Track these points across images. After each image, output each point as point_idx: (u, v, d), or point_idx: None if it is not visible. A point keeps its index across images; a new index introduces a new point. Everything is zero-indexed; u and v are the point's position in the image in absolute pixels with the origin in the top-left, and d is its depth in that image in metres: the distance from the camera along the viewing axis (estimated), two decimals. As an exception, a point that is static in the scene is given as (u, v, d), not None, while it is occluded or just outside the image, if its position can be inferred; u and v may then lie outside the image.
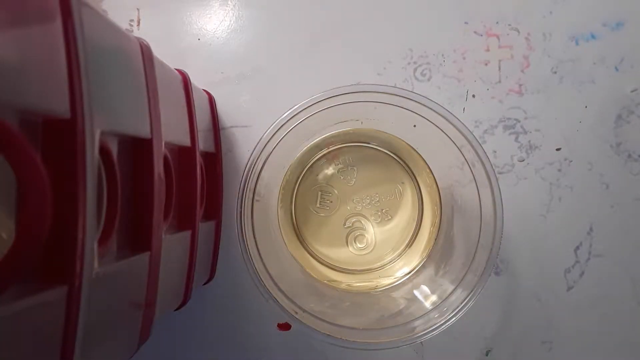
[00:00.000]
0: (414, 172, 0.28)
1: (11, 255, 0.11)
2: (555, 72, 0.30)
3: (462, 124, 0.23)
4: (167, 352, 0.30)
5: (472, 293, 0.22)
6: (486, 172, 0.23)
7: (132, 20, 0.31)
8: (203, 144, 0.26)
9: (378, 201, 0.28)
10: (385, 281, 0.28)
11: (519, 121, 0.30)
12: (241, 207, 0.23)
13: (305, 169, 0.29)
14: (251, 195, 0.23)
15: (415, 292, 0.26)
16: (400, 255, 0.29)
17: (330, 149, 0.29)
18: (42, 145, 0.13)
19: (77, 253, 0.13)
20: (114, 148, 0.16)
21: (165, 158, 0.21)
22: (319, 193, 0.29)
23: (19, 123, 0.12)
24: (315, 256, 0.29)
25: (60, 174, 0.13)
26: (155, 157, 0.18)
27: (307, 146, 0.28)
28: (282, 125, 0.23)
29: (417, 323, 0.23)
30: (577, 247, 0.30)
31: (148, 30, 0.31)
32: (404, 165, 0.29)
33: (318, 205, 0.29)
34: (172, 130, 0.21)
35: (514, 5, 0.30)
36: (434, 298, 0.24)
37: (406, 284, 0.27)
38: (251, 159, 0.23)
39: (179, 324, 0.30)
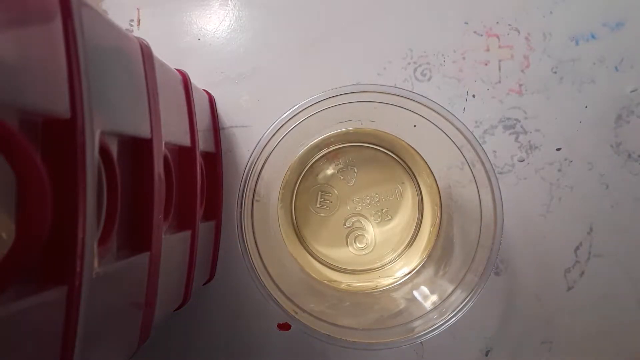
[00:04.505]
0: (414, 172, 0.28)
1: (11, 255, 0.11)
2: (555, 72, 0.30)
3: (462, 124, 0.23)
4: (167, 352, 0.30)
5: (472, 293, 0.22)
6: (486, 172, 0.23)
7: (132, 20, 0.31)
8: (203, 144, 0.26)
9: (378, 201, 0.28)
10: (385, 281, 0.28)
11: (519, 121, 0.30)
12: (241, 207, 0.23)
13: (305, 169, 0.29)
14: (251, 195, 0.23)
15: (415, 293, 0.26)
16: (400, 255, 0.29)
17: (330, 149, 0.29)
18: (42, 145, 0.13)
19: (77, 253, 0.13)
20: (114, 148, 0.16)
21: (165, 158, 0.21)
22: (319, 193, 0.29)
23: (19, 123, 0.12)
24: (315, 256, 0.29)
25: (60, 174, 0.13)
26: (155, 157, 0.18)
27: (307, 146, 0.28)
28: (282, 125, 0.23)
29: (417, 323, 0.23)
30: (577, 247, 0.30)
31: (148, 30, 0.31)
32: (404, 165, 0.29)
33: (318, 205, 0.29)
34: (172, 130, 0.21)
35: (514, 5, 0.30)
36: (433, 298, 0.24)
37: (406, 284, 0.27)
38: (251, 159, 0.23)
39: (179, 324, 0.30)
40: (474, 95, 0.30)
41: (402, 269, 0.28)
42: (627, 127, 0.30)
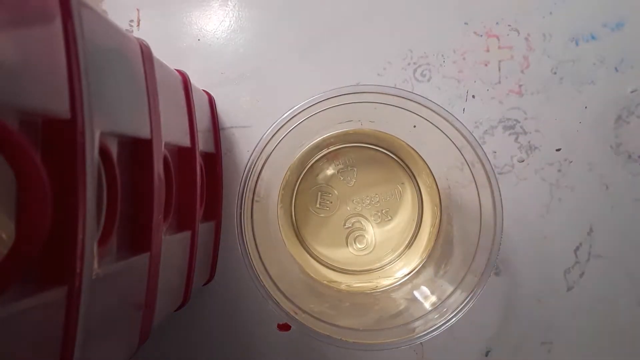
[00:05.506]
0: (414, 172, 0.28)
1: (11, 255, 0.11)
2: (555, 73, 0.30)
3: (462, 124, 0.23)
4: (167, 353, 0.30)
5: (471, 294, 0.22)
6: (486, 172, 0.23)
7: (132, 21, 0.31)
8: (203, 144, 0.26)
9: (378, 202, 0.28)
10: (385, 282, 0.28)
11: (519, 122, 0.30)
12: (241, 208, 0.23)
13: (305, 169, 0.29)
14: (251, 196, 0.23)
15: (415, 293, 0.26)
16: (400, 255, 0.29)
17: (330, 150, 0.29)
18: (42, 145, 0.13)
19: (77, 253, 0.13)
20: (113, 148, 0.16)
21: (165, 158, 0.21)
22: (319, 193, 0.29)
23: (19, 123, 0.12)
24: (315, 257, 0.29)
25: (60, 174, 0.13)
26: (155, 158, 0.18)
27: (307, 147, 0.28)
28: (282, 126, 0.23)
29: (416, 324, 0.23)
30: (577, 248, 0.30)
31: (148, 31, 0.31)
32: (403, 165, 0.29)
33: (318, 205, 0.29)
34: (172, 130, 0.21)
35: (514, 6, 0.30)
36: (433, 299, 0.24)
37: (406, 284, 0.27)
38: (251, 159, 0.23)
39: (179, 324, 0.30)
40: (473, 96, 0.30)
41: (402, 269, 0.28)
42: (627, 128, 0.30)
